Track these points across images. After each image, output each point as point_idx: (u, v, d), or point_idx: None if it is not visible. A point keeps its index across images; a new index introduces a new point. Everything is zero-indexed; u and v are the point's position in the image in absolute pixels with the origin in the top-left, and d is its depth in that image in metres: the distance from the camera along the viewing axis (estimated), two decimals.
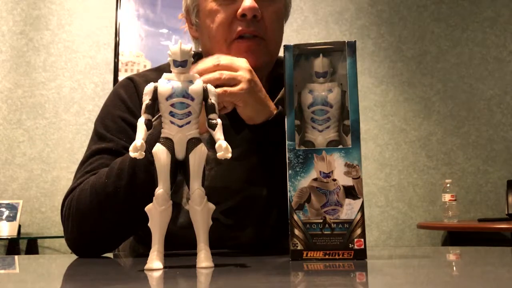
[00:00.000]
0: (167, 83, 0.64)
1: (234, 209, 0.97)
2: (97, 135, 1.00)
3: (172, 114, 0.64)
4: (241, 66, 0.85)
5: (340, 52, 0.75)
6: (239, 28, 0.96)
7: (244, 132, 0.95)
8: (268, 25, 0.98)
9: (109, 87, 3.29)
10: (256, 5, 0.95)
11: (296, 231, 0.70)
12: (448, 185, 3.12)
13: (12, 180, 3.20)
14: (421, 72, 3.56)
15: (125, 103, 1.01)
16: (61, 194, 0.96)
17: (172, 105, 0.63)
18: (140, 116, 0.64)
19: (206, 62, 0.85)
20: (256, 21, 0.96)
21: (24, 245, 3.10)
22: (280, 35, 1.03)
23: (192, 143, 0.63)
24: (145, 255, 0.64)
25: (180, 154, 0.63)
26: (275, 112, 0.89)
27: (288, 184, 0.71)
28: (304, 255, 0.70)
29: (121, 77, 3.32)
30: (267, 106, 0.89)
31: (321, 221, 0.70)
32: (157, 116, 0.70)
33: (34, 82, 3.29)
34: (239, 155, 0.93)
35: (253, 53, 0.96)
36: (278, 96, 1.00)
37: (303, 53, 0.76)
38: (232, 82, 0.83)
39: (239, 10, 0.95)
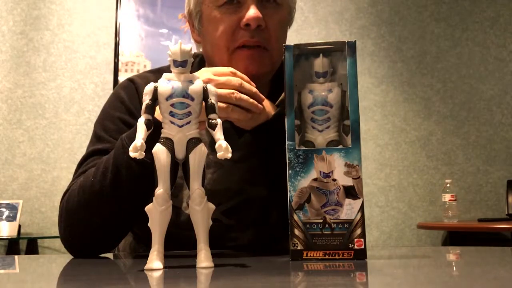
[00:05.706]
0: (167, 83, 0.64)
1: (235, 210, 0.97)
2: (95, 137, 1.00)
3: (172, 114, 0.64)
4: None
5: (340, 52, 0.75)
6: (243, 38, 0.95)
7: (245, 135, 0.95)
8: (272, 34, 0.96)
9: (109, 87, 3.29)
10: (260, 15, 0.93)
11: (296, 231, 0.70)
12: (448, 185, 3.12)
13: (12, 180, 3.20)
14: (421, 72, 3.56)
15: (124, 104, 1.00)
16: (61, 194, 0.97)
17: (172, 105, 0.63)
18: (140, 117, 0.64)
19: (226, 81, 0.82)
20: (260, 30, 0.95)
21: (24, 245, 3.10)
22: (284, 43, 1.02)
23: (192, 143, 0.63)
24: (145, 255, 0.64)
25: (180, 154, 0.63)
26: (273, 112, 0.89)
27: (288, 184, 0.71)
28: (304, 255, 0.70)
29: (121, 77, 3.32)
30: (263, 113, 0.88)
31: (321, 221, 0.70)
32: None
33: (34, 82, 3.29)
34: (241, 157, 0.93)
35: (255, 61, 0.95)
36: (280, 98, 1.00)
37: (303, 53, 0.76)
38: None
39: (243, 20, 0.94)
